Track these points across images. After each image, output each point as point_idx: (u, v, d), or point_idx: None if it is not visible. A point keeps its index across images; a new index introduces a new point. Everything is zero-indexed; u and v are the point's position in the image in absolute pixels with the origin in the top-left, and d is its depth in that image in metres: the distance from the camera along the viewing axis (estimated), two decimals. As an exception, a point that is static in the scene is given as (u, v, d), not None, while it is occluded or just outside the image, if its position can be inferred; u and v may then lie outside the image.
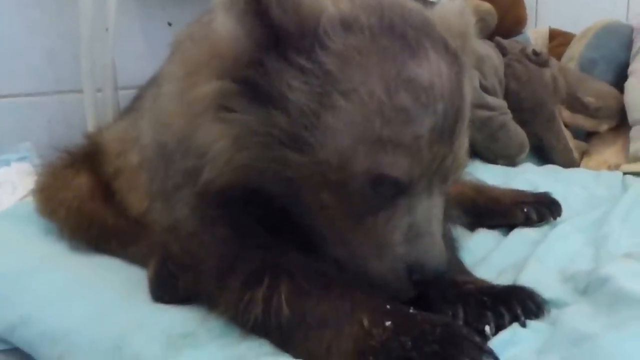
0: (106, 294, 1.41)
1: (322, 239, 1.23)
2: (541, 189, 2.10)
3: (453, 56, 1.20)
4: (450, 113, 1.16)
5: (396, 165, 1.13)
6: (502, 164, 2.76)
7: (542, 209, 1.94)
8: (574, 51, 3.22)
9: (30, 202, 1.85)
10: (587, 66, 3.12)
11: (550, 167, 2.77)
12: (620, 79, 3.01)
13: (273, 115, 1.14)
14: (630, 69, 2.94)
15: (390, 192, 1.15)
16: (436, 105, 1.14)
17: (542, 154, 2.96)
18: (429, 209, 1.19)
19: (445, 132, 1.16)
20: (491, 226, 1.93)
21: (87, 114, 2.60)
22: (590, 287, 1.33)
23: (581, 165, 2.87)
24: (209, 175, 1.22)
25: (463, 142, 1.22)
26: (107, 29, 2.57)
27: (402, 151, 1.12)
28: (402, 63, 1.14)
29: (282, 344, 1.16)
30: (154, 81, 1.66)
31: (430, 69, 1.15)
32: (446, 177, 1.21)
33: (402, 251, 1.17)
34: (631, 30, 3.13)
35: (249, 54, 1.16)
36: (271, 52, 1.15)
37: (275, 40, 1.15)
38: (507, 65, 2.94)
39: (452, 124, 1.17)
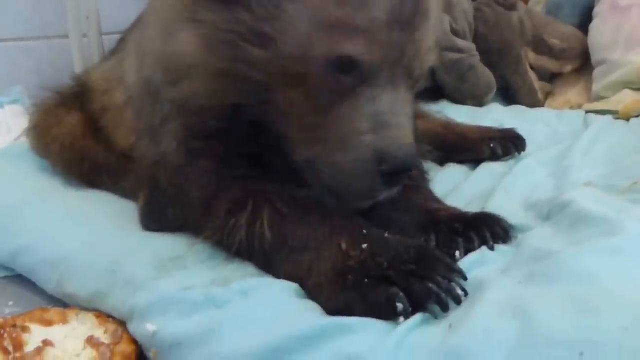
0: (99, 224, 1.43)
1: (293, 143, 1.21)
2: (507, 127, 2.12)
3: None
4: (407, 2, 1.15)
5: (354, 46, 1.12)
6: (471, 105, 2.78)
7: (507, 144, 1.96)
8: (541, -6, 3.22)
9: (25, 143, 1.85)
10: (553, 9, 3.12)
11: (516, 108, 2.78)
12: (585, 22, 3.01)
13: (238, 12, 1.15)
14: (595, 11, 2.94)
15: (351, 79, 1.14)
16: None
17: (509, 95, 2.96)
18: (395, 102, 1.17)
19: (403, 20, 1.15)
20: (460, 161, 1.94)
21: (74, 59, 2.59)
22: (552, 212, 1.36)
23: (545, 105, 2.88)
24: (190, 88, 1.23)
25: (425, 37, 1.21)
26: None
27: (358, 33, 1.12)
28: None
29: (265, 266, 1.19)
30: (137, 24, 1.67)
31: None
32: (410, 71, 1.20)
33: (369, 140, 1.14)
34: (597, -27, 3.13)
35: None
36: None
37: None
38: (477, 9, 2.95)
39: (410, 13, 1.16)
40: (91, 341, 1.12)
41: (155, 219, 1.41)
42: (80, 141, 1.68)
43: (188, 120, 1.29)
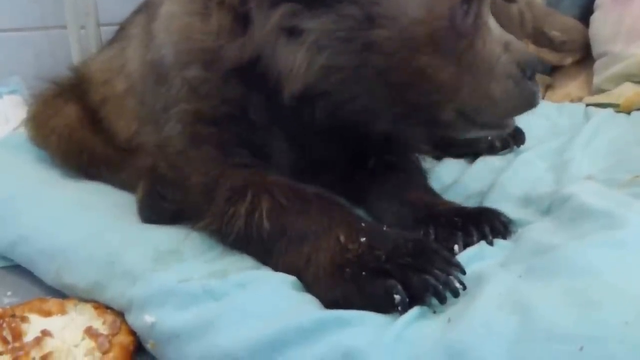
0: (98, 215, 1.43)
1: (427, 108, 1.26)
2: (506, 120, 2.11)
3: None
4: None
5: None
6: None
7: (506, 137, 1.93)
8: (541, -15, 3.21)
9: (23, 133, 1.85)
10: (553, 0, 3.12)
11: (515, 100, 2.76)
12: (585, 13, 2.99)
13: (343, 10, 1.17)
14: (597, 2, 2.93)
15: (470, 16, 1.21)
16: None
17: (508, 88, 2.95)
18: (494, 21, 1.29)
19: None
20: (457, 155, 1.93)
21: (72, 49, 2.60)
22: (553, 206, 1.36)
23: (545, 98, 2.86)
24: (290, 86, 1.23)
25: None
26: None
27: None
28: None
29: (262, 257, 1.19)
30: (140, 11, 1.67)
31: None
32: None
33: (507, 58, 1.25)
34: (598, -37, 3.11)
35: None
36: None
37: None
38: (476, 1, 2.93)
39: None
40: (89, 332, 1.12)
41: (154, 211, 1.41)
42: (79, 132, 1.69)
43: (197, 104, 1.30)
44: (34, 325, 1.14)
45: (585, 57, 2.93)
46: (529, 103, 1.29)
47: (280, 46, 1.22)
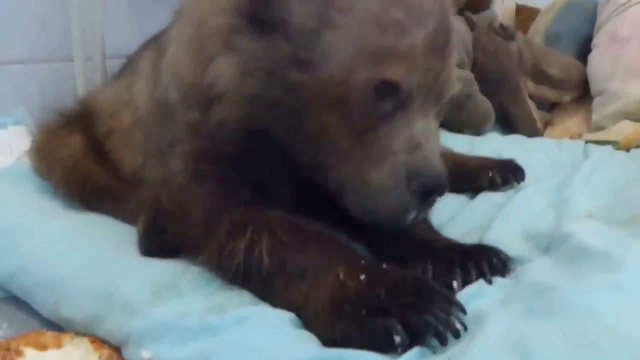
0: (98, 247, 1.41)
1: (323, 165, 1.23)
2: (506, 156, 2.09)
3: None
4: (440, 31, 1.19)
5: (395, 72, 1.15)
6: (469, 134, 2.75)
7: (506, 174, 1.94)
8: (540, 25, 3.23)
9: (27, 163, 1.84)
10: (552, 40, 3.14)
11: (514, 137, 2.76)
12: (583, 52, 3.02)
13: (276, 41, 1.17)
14: (594, 41, 2.95)
15: (390, 103, 1.17)
16: (427, 20, 1.17)
17: (507, 124, 2.95)
18: (426, 127, 1.21)
19: (437, 47, 1.19)
20: (458, 190, 1.90)
21: (78, 81, 2.59)
22: (552, 244, 1.35)
23: (544, 135, 2.88)
24: (220, 114, 1.24)
25: (453, 64, 1.27)
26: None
27: (399, 59, 1.15)
28: None
29: (261, 294, 1.18)
30: (149, 46, 1.67)
31: None
32: (439, 98, 1.24)
33: (402, 159, 1.17)
34: (595, 4, 3.12)
35: None
36: None
37: None
38: (476, 39, 2.95)
39: (442, 41, 1.21)
40: (85, 366, 1.10)
41: (154, 244, 1.39)
42: (83, 163, 1.67)
43: (199, 143, 1.30)
44: (29, 359, 1.11)
45: (583, 94, 2.95)
46: (392, 216, 1.21)
47: (216, 56, 1.24)
